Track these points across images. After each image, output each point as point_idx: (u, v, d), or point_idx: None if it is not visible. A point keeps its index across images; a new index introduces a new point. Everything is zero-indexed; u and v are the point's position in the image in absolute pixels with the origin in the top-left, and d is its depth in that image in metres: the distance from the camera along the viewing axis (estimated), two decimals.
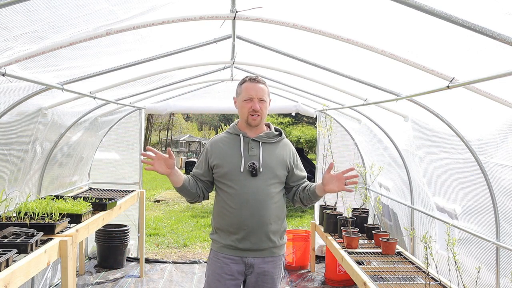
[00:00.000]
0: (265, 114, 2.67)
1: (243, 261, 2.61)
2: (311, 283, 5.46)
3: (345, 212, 5.05)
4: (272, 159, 2.65)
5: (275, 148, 2.69)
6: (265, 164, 2.61)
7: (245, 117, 2.67)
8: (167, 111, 6.22)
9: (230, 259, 2.61)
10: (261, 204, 2.57)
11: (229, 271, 2.61)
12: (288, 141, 2.80)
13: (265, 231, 2.59)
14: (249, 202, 2.56)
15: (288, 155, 2.71)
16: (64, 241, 3.01)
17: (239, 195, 2.58)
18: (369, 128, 5.21)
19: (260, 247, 2.60)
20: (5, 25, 1.98)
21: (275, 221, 2.62)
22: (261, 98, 2.63)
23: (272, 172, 2.62)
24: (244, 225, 2.57)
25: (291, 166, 2.70)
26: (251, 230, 2.57)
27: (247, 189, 2.58)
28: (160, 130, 40.77)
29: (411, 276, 3.71)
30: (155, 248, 7.10)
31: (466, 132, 3.19)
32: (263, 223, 2.57)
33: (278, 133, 2.77)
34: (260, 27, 2.83)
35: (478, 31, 1.76)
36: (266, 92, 2.68)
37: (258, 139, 2.67)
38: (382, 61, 2.76)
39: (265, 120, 2.74)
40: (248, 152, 2.63)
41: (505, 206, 3.05)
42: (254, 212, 2.56)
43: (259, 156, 2.62)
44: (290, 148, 2.76)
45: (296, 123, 30.06)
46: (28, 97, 3.22)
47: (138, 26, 2.36)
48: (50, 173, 4.53)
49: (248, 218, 2.57)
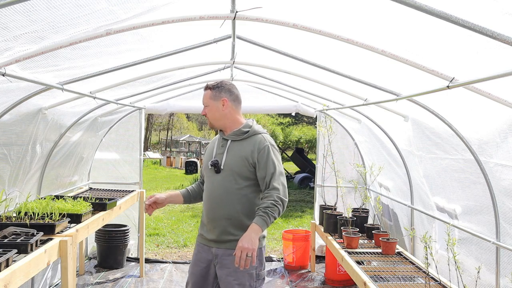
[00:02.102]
0: (211, 116, 2.82)
1: (211, 251, 2.80)
2: (311, 283, 5.46)
3: (345, 212, 5.05)
4: (234, 157, 2.75)
5: (241, 145, 2.78)
6: (226, 162, 2.76)
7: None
8: (167, 111, 6.22)
9: (202, 247, 2.85)
10: (221, 199, 2.74)
11: (201, 258, 2.84)
12: (263, 137, 2.79)
13: (225, 224, 2.72)
14: (211, 195, 2.79)
15: (250, 152, 2.73)
16: (64, 241, 3.00)
17: (207, 190, 2.85)
18: (369, 128, 5.21)
19: (222, 239, 2.74)
20: (5, 25, 1.99)
21: (237, 215, 2.71)
22: (204, 103, 2.85)
23: (231, 169, 2.74)
24: (209, 217, 2.79)
25: (253, 162, 2.72)
26: (214, 223, 2.76)
27: (212, 184, 2.80)
28: (160, 130, 40.78)
29: (411, 276, 3.71)
30: (155, 248, 7.10)
31: (466, 132, 3.19)
32: (223, 217, 2.73)
33: (246, 130, 2.80)
34: (260, 27, 2.83)
35: (478, 31, 1.76)
36: (208, 96, 2.83)
37: (227, 138, 2.83)
38: (382, 61, 2.76)
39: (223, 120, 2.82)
40: (218, 150, 2.84)
41: (505, 206, 3.05)
42: (215, 206, 2.76)
43: (223, 155, 2.78)
44: (257, 144, 2.74)
45: (296, 123, 30.08)
46: (28, 97, 3.22)
47: (138, 26, 2.37)
48: (50, 173, 4.53)
49: (211, 211, 2.78)
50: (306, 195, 13.52)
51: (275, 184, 2.65)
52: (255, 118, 24.81)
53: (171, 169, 22.80)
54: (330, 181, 5.68)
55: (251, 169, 2.73)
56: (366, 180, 5.81)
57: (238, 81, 5.21)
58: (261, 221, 2.55)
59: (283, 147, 26.34)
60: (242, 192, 2.73)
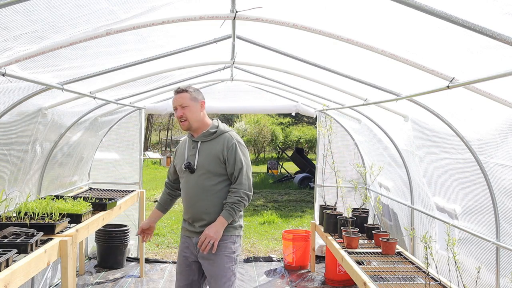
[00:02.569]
0: (192, 117, 3.03)
1: (192, 241, 3.09)
2: (311, 283, 5.46)
3: (345, 212, 5.05)
4: (206, 157, 3.02)
5: (211, 145, 3.04)
6: (199, 162, 3.02)
7: (179, 124, 3.11)
8: (167, 111, 6.22)
9: (185, 238, 3.16)
10: (197, 195, 3.03)
11: (185, 248, 3.15)
12: (231, 135, 3.06)
13: (202, 217, 3.02)
14: (188, 194, 3.08)
15: (220, 150, 3.00)
16: (64, 241, 3.01)
17: (184, 189, 3.13)
18: (369, 128, 5.21)
19: (200, 231, 3.02)
20: (5, 25, 1.99)
21: (214, 209, 2.99)
22: (181, 105, 3.02)
23: (204, 168, 3.01)
24: (188, 212, 3.11)
25: (224, 159, 3.00)
26: (193, 217, 3.08)
27: (187, 183, 3.08)
28: (160, 130, 40.77)
29: (411, 276, 3.71)
30: (155, 248, 7.10)
31: (466, 132, 3.19)
32: (201, 211, 3.02)
33: (214, 131, 3.06)
34: (260, 27, 2.83)
35: (478, 31, 1.76)
36: (187, 97, 3.03)
37: (197, 140, 3.08)
38: (382, 61, 2.76)
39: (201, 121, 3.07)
40: (190, 152, 3.09)
41: (505, 206, 3.05)
42: (193, 202, 3.06)
43: (195, 156, 3.03)
44: (227, 143, 3.01)
45: (296, 123, 30.08)
46: (28, 97, 3.22)
47: (138, 26, 2.37)
48: (50, 173, 4.53)
49: (190, 207, 3.09)
50: (306, 195, 13.53)
51: (242, 180, 2.99)
52: (255, 118, 24.65)
53: None
54: (330, 181, 5.68)
55: (223, 165, 3.00)
56: (366, 180, 5.81)
57: (238, 81, 5.21)
58: (228, 215, 2.95)
59: (283, 147, 26.34)
60: (217, 187, 3.01)
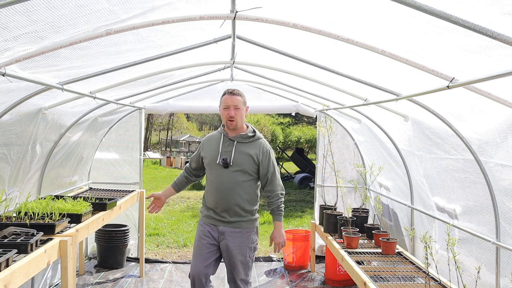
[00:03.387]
0: (239, 119, 3.42)
1: (217, 229, 3.45)
2: (311, 283, 5.46)
3: (345, 212, 5.05)
4: (242, 155, 3.41)
5: (247, 147, 3.44)
6: (235, 159, 3.40)
7: (224, 121, 3.46)
8: (167, 111, 6.22)
9: (208, 226, 3.49)
10: (230, 189, 3.39)
11: (207, 232, 3.47)
12: (264, 142, 3.51)
13: (233, 209, 3.40)
14: (221, 187, 3.41)
15: (256, 153, 3.43)
16: (64, 241, 3.01)
17: (215, 181, 3.45)
18: (369, 128, 5.21)
19: (229, 220, 3.42)
20: (5, 25, 1.99)
21: (243, 202, 3.40)
22: (236, 106, 3.40)
23: (239, 165, 3.39)
24: (217, 203, 3.43)
25: (258, 161, 3.43)
26: (223, 207, 3.41)
27: (220, 177, 3.41)
28: (160, 130, 40.77)
29: (411, 276, 3.71)
30: (155, 248, 7.10)
31: (466, 132, 3.19)
32: (231, 203, 3.39)
33: (252, 135, 3.48)
34: (260, 27, 2.83)
35: (478, 31, 1.76)
36: (241, 101, 3.44)
37: (233, 139, 3.45)
38: (382, 61, 2.76)
39: (242, 124, 3.48)
40: (224, 148, 3.43)
41: (505, 206, 3.05)
42: (224, 195, 3.40)
43: (231, 153, 3.40)
44: (262, 148, 3.46)
45: (296, 123, 30.06)
46: (28, 97, 3.22)
47: (138, 26, 2.37)
48: (50, 173, 4.53)
49: (221, 199, 3.41)
50: (306, 195, 13.52)
51: (276, 181, 3.48)
52: (255, 118, 24.61)
53: (171, 169, 22.79)
54: (330, 181, 5.68)
55: (256, 166, 3.43)
56: (366, 180, 5.81)
57: (238, 81, 5.21)
58: (280, 217, 3.49)
59: (283, 147, 26.32)
60: (247, 184, 3.42)
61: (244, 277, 3.45)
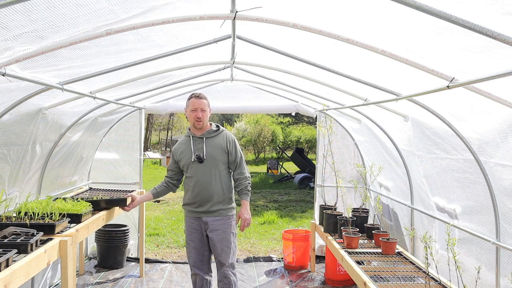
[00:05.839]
0: (205, 120, 3.80)
1: (201, 220, 3.82)
2: (311, 283, 5.46)
3: (345, 212, 5.05)
4: (213, 148, 3.79)
5: (215, 140, 3.83)
6: (208, 153, 3.78)
7: (192, 122, 3.81)
8: (167, 111, 6.22)
9: (193, 219, 3.86)
10: (208, 181, 3.76)
11: (194, 226, 3.86)
12: (228, 133, 3.91)
13: (212, 200, 3.77)
14: (200, 180, 3.77)
15: (224, 143, 3.83)
16: (64, 241, 3.01)
17: (194, 177, 3.80)
18: (369, 128, 5.21)
19: (210, 210, 3.79)
20: (5, 25, 1.98)
21: (221, 190, 3.79)
22: (202, 108, 3.77)
23: (212, 157, 3.77)
24: (198, 196, 3.79)
25: (227, 150, 3.83)
26: (203, 200, 3.78)
27: (198, 171, 3.78)
28: (160, 130, 40.76)
29: (411, 276, 3.71)
30: (155, 248, 7.10)
31: (466, 132, 3.19)
32: (211, 192, 3.76)
33: (217, 129, 3.87)
34: (260, 27, 2.83)
35: (478, 31, 1.76)
36: (206, 104, 3.81)
37: (202, 136, 3.83)
38: (382, 61, 2.75)
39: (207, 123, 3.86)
40: (196, 146, 3.80)
41: (505, 206, 3.04)
42: (204, 186, 3.76)
43: (203, 148, 3.77)
44: (227, 137, 3.86)
45: (296, 123, 30.08)
46: (28, 97, 3.22)
47: (138, 26, 2.37)
48: (50, 173, 4.53)
49: (201, 191, 3.77)
50: (306, 195, 13.52)
51: (243, 166, 3.89)
52: (255, 118, 24.65)
53: None
54: (330, 181, 5.68)
55: (226, 155, 3.82)
56: (366, 180, 5.81)
57: (238, 81, 5.21)
58: (248, 197, 3.87)
59: (283, 147, 26.32)
60: (222, 173, 3.82)
61: (231, 261, 3.84)
